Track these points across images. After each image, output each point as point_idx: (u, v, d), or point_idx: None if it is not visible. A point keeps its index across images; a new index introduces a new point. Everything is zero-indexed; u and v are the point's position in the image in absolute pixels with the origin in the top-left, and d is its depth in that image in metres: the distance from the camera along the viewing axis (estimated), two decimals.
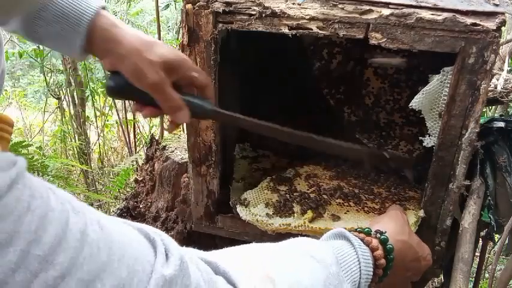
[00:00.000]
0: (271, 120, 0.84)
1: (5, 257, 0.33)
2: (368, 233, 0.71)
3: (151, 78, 0.72)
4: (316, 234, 0.92)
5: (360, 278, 0.64)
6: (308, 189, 1.05)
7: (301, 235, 0.92)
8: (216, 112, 0.80)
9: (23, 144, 1.77)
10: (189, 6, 0.86)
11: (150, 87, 0.73)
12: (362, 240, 0.68)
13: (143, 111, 0.78)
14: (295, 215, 0.95)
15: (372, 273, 0.66)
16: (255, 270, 0.54)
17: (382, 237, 0.70)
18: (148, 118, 3.61)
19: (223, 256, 0.56)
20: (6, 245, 0.33)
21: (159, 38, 2.43)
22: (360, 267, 0.64)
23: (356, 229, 0.72)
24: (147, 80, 0.72)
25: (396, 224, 0.78)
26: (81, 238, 0.38)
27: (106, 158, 3.52)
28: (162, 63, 0.72)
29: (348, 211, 0.97)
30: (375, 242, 0.69)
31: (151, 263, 0.43)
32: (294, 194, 1.03)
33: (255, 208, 0.98)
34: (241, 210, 0.98)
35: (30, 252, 0.34)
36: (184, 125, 1.03)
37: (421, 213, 0.91)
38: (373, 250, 0.67)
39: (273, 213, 0.96)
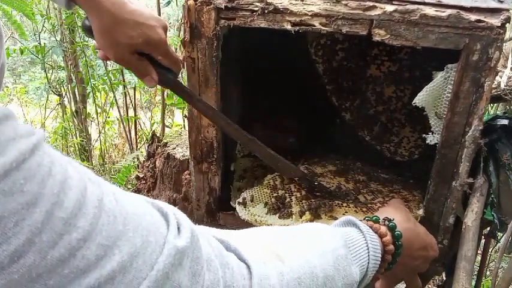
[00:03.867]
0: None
1: (32, 216, 0.35)
2: (376, 221, 0.72)
3: (113, 57, 0.83)
4: None
5: (368, 263, 0.65)
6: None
7: None
8: (176, 83, 0.90)
9: None
10: (191, 2, 0.86)
11: (113, 60, 0.85)
12: (371, 227, 0.69)
13: (100, 55, 0.87)
14: (294, 216, 0.95)
15: (380, 259, 0.67)
16: (265, 249, 0.55)
17: (391, 224, 0.71)
18: (151, 115, 3.61)
19: (234, 235, 0.58)
20: (32, 205, 0.35)
21: None
22: (368, 252, 0.65)
23: (364, 218, 0.73)
24: (110, 55, 0.84)
25: (402, 214, 0.79)
26: (99, 206, 0.39)
27: (107, 155, 3.52)
28: (127, 45, 0.81)
29: (347, 212, 0.96)
30: (383, 229, 0.69)
31: (164, 235, 0.44)
32: (294, 193, 1.02)
33: (254, 208, 0.98)
34: (240, 210, 0.99)
35: (54, 214, 0.36)
36: (186, 122, 1.03)
37: (421, 212, 0.90)
38: (381, 236, 0.68)
39: (272, 214, 0.96)
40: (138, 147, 3.12)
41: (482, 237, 1.09)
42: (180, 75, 1.21)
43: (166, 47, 0.87)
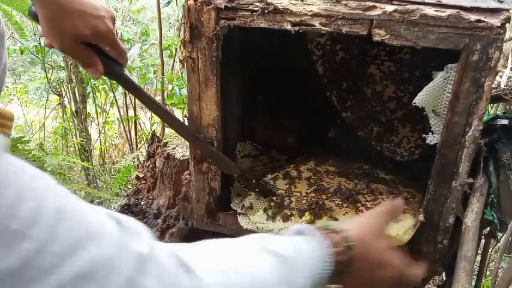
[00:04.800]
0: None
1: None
2: (333, 230, 0.70)
3: (58, 46, 0.83)
4: None
5: (318, 273, 0.64)
6: (308, 189, 1.04)
7: None
8: (122, 75, 0.90)
9: (22, 140, 1.77)
10: (191, 2, 0.86)
11: (58, 49, 0.84)
12: (324, 236, 0.67)
13: (46, 42, 0.86)
14: (293, 218, 0.95)
15: (330, 270, 0.65)
16: (214, 262, 0.55)
17: (346, 235, 0.69)
18: (151, 115, 3.61)
19: (183, 247, 0.57)
20: None
21: (160, 35, 2.43)
22: (319, 262, 0.64)
23: (321, 226, 0.71)
24: (54, 44, 0.83)
25: (368, 225, 0.75)
26: (56, 215, 0.40)
27: (107, 155, 3.52)
28: (72, 35, 0.81)
29: (347, 212, 0.96)
30: (337, 239, 0.68)
31: (124, 243, 0.44)
32: (294, 193, 1.02)
33: (254, 216, 0.98)
34: (241, 220, 1.00)
35: (8, 225, 0.36)
36: (186, 121, 1.03)
37: (421, 217, 0.90)
38: (334, 247, 0.67)
39: (272, 219, 0.97)
40: (138, 147, 3.12)
41: (482, 237, 1.09)
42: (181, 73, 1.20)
43: (114, 38, 0.86)
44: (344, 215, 0.94)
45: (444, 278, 1.14)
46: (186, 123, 1.02)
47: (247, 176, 1.03)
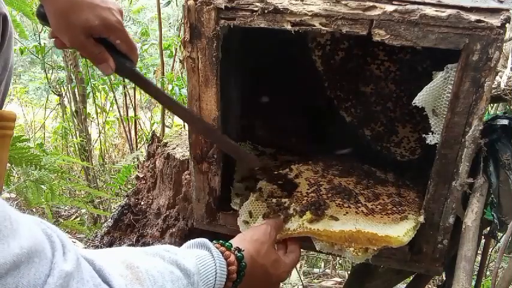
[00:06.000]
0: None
1: None
2: (228, 248, 0.78)
3: (68, 41, 0.82)
4: (315, 236, 0.91)
5: (213, 287, 0.71)
6: (308, 189, 1.04)
7: (301, 238, 0.94)
8: (133, 72, 0.88)
9: (21, 139, 1.78)
10: (191, 2, 0.86)
11: (68, 44, 0.83)
12: (222, 253, 0.75)
13: (57, 43, 0.87)
14: (293, 218, 0.95)
15: (223, 285, 0.74)
16: (128, 270, 0.58)
17: (239, 254, 0.79)
18: (151, 115, 3.61)
19: (100, 254, 0.59)
20: None
21: (160, 35, 2.43)
22: (216, 278, 0.71)
23: (219, 241, 0.79)
24: (65, 40, 0.82)
25: (256, 242, 0.85)
26: None
27: (107, 155, 3.52)
28: (83, 28, 0.80)
29: (348, 213, 0.95)
30: (232, 258, 0.76)
31: (49, 257, 0.45)
32: (294, 193, 1.02)
33: (255, 223, 0.98)
34: (243, 229, 0.99)
35: None
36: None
37: (421, 219, 0.90)
38: (229, 264, 0.75)
39: None
40: (138, 147, 3.12)
41: (482, 237, 1.09)
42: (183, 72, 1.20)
43: (124, 30, 0.86)
44: (345, 215, 0.94)
45: (444, 278, 1.14)
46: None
47: (269, 168, 1.01)
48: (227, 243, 0.79)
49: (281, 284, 2.25)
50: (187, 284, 0.65)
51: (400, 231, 0.87)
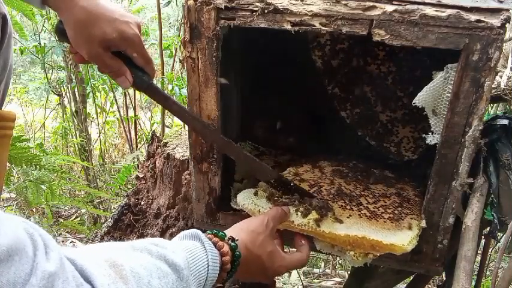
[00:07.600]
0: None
1: None
2: (222, 238, 0.77)
3: (86, 55, 0.82)
4: (318, 236, 0.90)
5: (206, 280, 0.70)
6: (309, 190, 1.03)
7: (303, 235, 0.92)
8: (151, 85, 0.88)
9: (21, 139, 1.78)
10: (191, 2, 0.86)
11: (86, 57, 0.83)
12: (215, 244, 0.74)
13: (76, 58, 0.87)
14: (299, 213, 0.93)
15: (217, 276, 0.72)
16: (111, 268, 0.57)
17: (233, 244, 0.77)
18: (151, 115, 3.61)
19: (82, 252, 0.59)
20: None
21: (160, 35, 2.43)
22: (208, 270, 0.70)
23: (213, 231, 0.78)
24: (83, 53, 0.83)
25: (252, 233, 0.83)
26: None
27: (107, 155, 3.52)
28: (101, 40, 0.80)
29: (351, 215, 0.94)
30: (225, 248, 0.75)
31: (31, 256, 0.45)
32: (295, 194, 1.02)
33: (258, 200, 0.96)
34: (245, 198, 0.96)
35: None
36: None
37: (423, 224, 0.90)
38: (222, 255, 0.74)
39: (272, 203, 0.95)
40: (138, 147, 3.12)
41: (482, 237, 1.09)
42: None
43: (141, 44, 0.86)
44: (348, 218, 0.93)
45: (444, 278, 1.14)
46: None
47: (285, 179, 0.99)
48: (221, 233, 0.78)
49: (281, 284, 2.25)
50: (176, 279, 0.64)
51: (404, 239, 0.87)
